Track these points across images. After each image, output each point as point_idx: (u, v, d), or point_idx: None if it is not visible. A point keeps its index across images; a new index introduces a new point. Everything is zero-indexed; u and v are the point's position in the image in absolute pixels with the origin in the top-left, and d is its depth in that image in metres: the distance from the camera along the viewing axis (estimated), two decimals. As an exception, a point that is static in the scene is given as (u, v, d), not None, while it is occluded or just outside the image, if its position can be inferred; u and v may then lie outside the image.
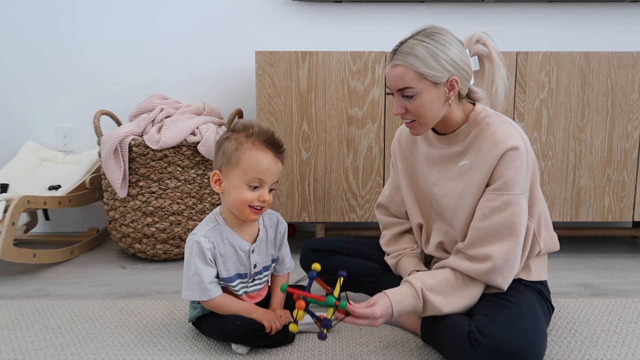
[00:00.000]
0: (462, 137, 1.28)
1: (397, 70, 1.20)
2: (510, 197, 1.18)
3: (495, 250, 1.18)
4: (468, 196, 1.24)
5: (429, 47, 1.19)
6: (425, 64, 1.18)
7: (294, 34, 2.32)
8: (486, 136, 1.23)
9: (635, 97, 1.95)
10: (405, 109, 1.23)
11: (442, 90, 1.21)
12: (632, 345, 1.32)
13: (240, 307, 1.29)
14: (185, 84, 2.37)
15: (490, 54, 1.26)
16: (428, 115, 1.22)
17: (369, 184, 2.01)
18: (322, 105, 1.97)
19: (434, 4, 2.29)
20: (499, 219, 1.18)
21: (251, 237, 1.33)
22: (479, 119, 1.26)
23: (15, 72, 2.36)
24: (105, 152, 1.92)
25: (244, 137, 1.23)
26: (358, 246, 1.55)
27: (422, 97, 1.20)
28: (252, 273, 1.33)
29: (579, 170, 1.98)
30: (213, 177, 1.27)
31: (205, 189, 1.99)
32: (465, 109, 1.28)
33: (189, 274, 1.26)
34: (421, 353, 1.28)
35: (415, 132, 1.28)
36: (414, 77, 1.19)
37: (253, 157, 1.22)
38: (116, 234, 2.05)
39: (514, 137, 1.20)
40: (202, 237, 1.26)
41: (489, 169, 1.20)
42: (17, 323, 1.45)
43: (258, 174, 1.22)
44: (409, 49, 1.19)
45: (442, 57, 1.19)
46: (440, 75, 1.19)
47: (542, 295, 1.29)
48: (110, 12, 2.33)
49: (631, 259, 2.06)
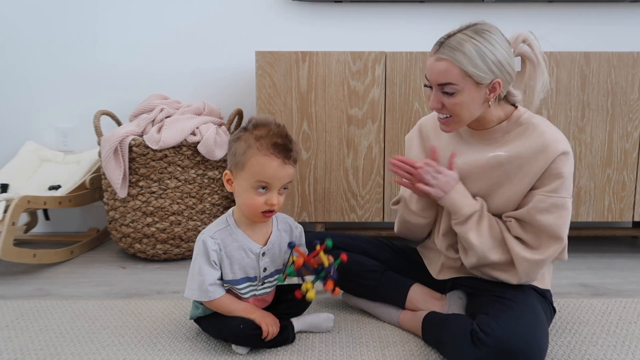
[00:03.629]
0: (500, 134, 1.27)
1: (442, 65, 1.17)
2: (561, 200, 1.19)
3: (542, 247, 1.20)
4: (506, 189, 1.25)
5: (477, 45, 1.15)
6: (472, 62, 1.15)
7: (294, 34, 2.32)
8: (534, 136, 1.22)
9: (635, 97, 1.95)
10: (442, 104, 1.22)
11: (484, 91, 1.19)
12: (632, 345, 1.32)
13: (240, 308, 1.28)
14: (186, 84, 2.37)
15: (536, 55, 1.24)
16: (465, 114, 1.21)
17: (369, 184, 2.01)
18: (322, 105, 1.97)
19: (434, 4, 2.29)
20: (547, 220, 1.19)
21: (263, 239, 1.30)
22: (523, 119, 1.25)
23: (15, 72, 2.36)
24: (105, 152, 1.92)
25: (253, 140, 1.19)
26: (359, 243, 1.53)
27: (462, 95, 1.18)
28: (261, 277, 1.31)
29: (579, 170, 1.98)
30: (225, 177, 1.26)
31: (205, 189, 1.99)
32: (506, 109, 1.27)
33: (194, 273, 1.26)
34: (421, 353, 1.28)
35: (448, 128, 1.26)
36: (458, 74, 1.16)
37: (259, 163, 1.18)
38: (116, 234, 2.05)
39: (564, 141, 1.21)
40: (208, 238, 1.25)
41: (539, 170, 1.20)
42: (17, 323, 1.45)
43: (264, 179, 1.19)
44: (457, 44, 1.16)
45: (489, 57, 1.16)
46: (485, 76, 1.17)
47: (544, 297, 1.30)
48: (110, 12, 2.33)
49: (631, 259, 2.06)
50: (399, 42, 2.30)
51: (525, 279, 1.24)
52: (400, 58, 1.95)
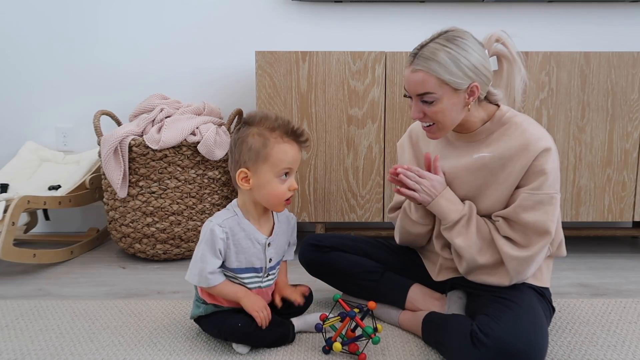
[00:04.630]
0: (484, 135, 1.28)
1: (418, 76, 1.19)
2: (546, 197, 1.19)
3: (530, 244, 1.20)
4: (493, 189, 1.25)
5: (451, 53, 1.17)
6: (447, 70, 1.17)
7: (294, 34, 2.32)
8: (516, 135, 1.23)
9: (635, 97, 1.95)
10: (424, 113, 1.23)
11: (462, 96, 1.21)
12: (632, 345, 1.32)
13: (231, 291, 1.28)
14: (185, 83, 2.37)
15: (510, 53, 1.26)
16: (447, 120, 1.23)
17: (369, 184, 2.01)
18: (322, 105, 1.97)
19: (434, 4, 2.29)
20: (533, 217, 1.19)
21: (267, 230, 1.33)
22: (505, 118, 1.26)
23: (15, 72, 2.36)
24: (105, 152, 1.92)
25: (268, 132, 1.23)
26: (359, 244, 1.53)
27: (442, 102, 1.20)
28: (267, 267, 1.32)
29: (579, 170, 1.98)
30: (239, 175, 1.25)
31: (205, 189, 1.99)
32: (488, 109, 1.28)
33: (196, 258, 1.26)
34: (421, 353, 1.28)
35: (434, 135, 1.27)
36: (435, 83, 1.18)
37: (282, 151, 1.23)
38: (116, 234, 2.05)
39: (546, 137, 1.22)
40: (216, 226, 1.25)
41: (522, 168, 1.20)
42: (17, 323, 1.45)
43: (288, 164, 1.24)
44: (430, 54, 1.18)
45: (464, 63, 1.18)
46: (461, 81, 1.18)
47: (543, 297, 1.30)
48: (110, 12, 2.33)
49: (631, 259, 2.06)
50: (399, 42, 2.30)
51: (517, 277, 1.23)
52: (400, 58, 1.95)
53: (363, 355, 1.23)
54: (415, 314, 1.38)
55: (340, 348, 1.23)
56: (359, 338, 1.27)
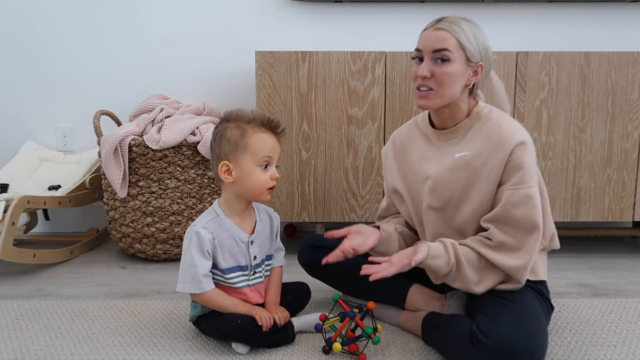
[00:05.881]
0: (462, 132, 1.29)
1: (440, 33, 1.23)
2: (530, 190, 1.20)
3: (525, 245, 1.20)
4: (477, 189, 1.25)
5: (471, 27, 1.25)
6: (467, 37, 1.23)
7: (294, 34, 2.32)
8: (492, 130, 1.25)
9: (635, 97, 1.95)
10: (432, 73, 1.24)
11: (468, 72, 1.25)
12: (632, 345, 1.32)
13: (231, 303, 1.29)
14: (185, 83, 2.37)
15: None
16: (449, 88, 1.24)
17: (369, 184, 2.01)
18: (322, 105, 1.97)
19: (434, 4, 2.29)
20: (523, 213, 1.20)
21: (249, 228, 1.35)
22: (482, 114, 1.29)
23: (15, 72, 2.36)
24: (105, 152, 1.92)
25: (245, 124, 1.27)
26: None
27: (454, 65, 1.23)
28: (252, 265, 1.34)
29: (579, 170, 1.98)
30: (222, 168, 1.27)
31: (205, 189, 1.99)
32: (470, 104, 1.31)
33: (185, 266, 1.27)
34: (421, 353, 1.28)
35: (427, 102, 1.26)
36: (454, 44, 1.23)
37: (260, 139, 1.26)
38: (116, 234, 2.05)
39: (521, 131, 1.24)
40: (201, 229, 1.27)
41: (500, 163, 1.21)
42: (17, 323, 1.45)
43: (268, 152, 1.27)
44: (455, 21, 1.24)
45: (480, 39, 1.25)
46: (475, 54, 1.24)
47: (541, 295, 1.29)
48: (110, 12, 2.33)
49: (631, 259, 2.06)
50: (399, 42, 2.30)
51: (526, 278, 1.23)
52: (400, 58, 1.95)
53: (363, 356, 1.23)
54: (415, 314, 1.38)
55: (340, 348, 1.23)
56: (359, 338, 1.27)
